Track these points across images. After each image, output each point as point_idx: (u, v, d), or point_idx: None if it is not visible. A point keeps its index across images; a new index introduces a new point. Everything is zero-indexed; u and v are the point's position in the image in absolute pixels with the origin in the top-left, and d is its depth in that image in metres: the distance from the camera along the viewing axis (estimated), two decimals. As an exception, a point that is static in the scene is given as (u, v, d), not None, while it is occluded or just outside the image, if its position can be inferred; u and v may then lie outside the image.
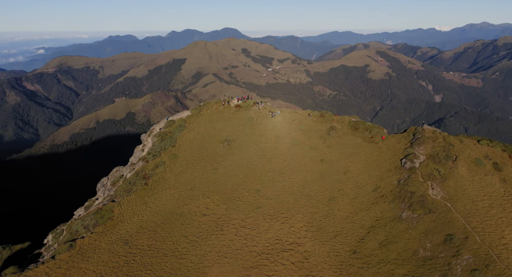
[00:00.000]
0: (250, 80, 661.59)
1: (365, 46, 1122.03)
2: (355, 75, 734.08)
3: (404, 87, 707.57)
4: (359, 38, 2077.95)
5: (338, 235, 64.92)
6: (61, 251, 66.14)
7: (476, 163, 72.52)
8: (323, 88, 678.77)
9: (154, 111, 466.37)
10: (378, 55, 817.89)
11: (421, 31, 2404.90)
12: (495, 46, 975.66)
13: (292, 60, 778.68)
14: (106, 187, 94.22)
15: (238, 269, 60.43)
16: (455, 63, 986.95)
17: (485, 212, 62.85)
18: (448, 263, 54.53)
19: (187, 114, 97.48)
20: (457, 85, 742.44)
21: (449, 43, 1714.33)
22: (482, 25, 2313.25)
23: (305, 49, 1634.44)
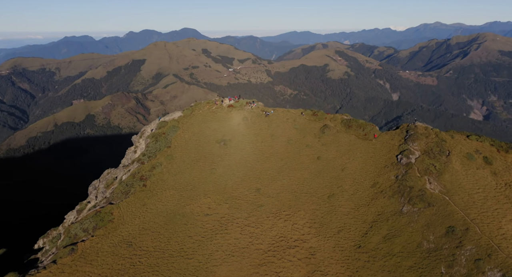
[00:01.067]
0: (211, 81, 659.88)
1: (324, 46, 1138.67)
2: (315, 74, 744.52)
3: (363, 86, 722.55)
4: (318, 38, 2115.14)
5: (342, 231, 66.20)
6: (62, 255, 64.93)
7: (468, 158, 75.22)
8: (284, 87, 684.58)
9: (114, 112, 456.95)
10: (337, 54, 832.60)
11: (378, 31, 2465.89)
12: (448, 45, 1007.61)
13: (252, 60, 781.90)
14: (98, 190, 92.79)
15: (246, 267, 60.85)
16: (411, 62, 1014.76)
17: (481, 204, 65.29)
18: (452, 253, 56.48)
19: (179, 115, 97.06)
20: (413, 83, 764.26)
21: (405, 42, 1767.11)
22: (435, 25, 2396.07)
23: (265, 49, 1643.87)
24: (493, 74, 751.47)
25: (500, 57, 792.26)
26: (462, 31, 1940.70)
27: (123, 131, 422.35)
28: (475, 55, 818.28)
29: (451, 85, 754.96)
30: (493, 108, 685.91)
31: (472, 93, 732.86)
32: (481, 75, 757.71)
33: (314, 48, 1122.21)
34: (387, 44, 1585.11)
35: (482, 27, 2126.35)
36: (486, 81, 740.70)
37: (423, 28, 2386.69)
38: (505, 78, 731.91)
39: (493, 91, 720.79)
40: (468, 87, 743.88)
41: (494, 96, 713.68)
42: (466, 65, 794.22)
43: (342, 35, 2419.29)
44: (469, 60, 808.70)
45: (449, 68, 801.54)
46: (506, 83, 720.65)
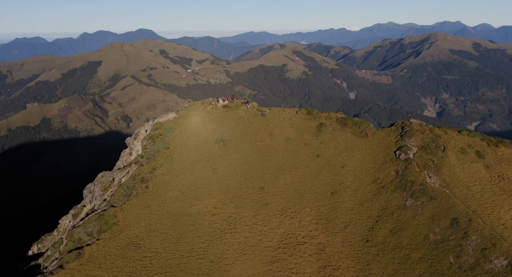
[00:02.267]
0: (170, 82, 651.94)
1: (282, 46, 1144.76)
2: (273, 74, 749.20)
3: (321, 85, 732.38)
4: (275, 38, 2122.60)
5: (348, 226, 67.71)
6: (69, 260, 63.91)
7: (462, 152, 78.14)
8: (243, 88, 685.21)
9: (71, 116, 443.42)
10: (295, 54, 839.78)
11: (333, 31, 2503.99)
12: (402, 44, 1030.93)
13: (211, 60, 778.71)
14: (93, 193, 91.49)
15: (259, 264, 61.51)
16: (366, 61, 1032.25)
17: (480, 196, 68.04)
18: (459, 244, 58.74)
19: (174, 116, 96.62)
20: (369, 82, 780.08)
21: (359, 42, 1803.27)
22: (388, 25, 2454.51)
23: (222, 49, 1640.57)
24: (445, 72, 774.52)
25: (451, 55, 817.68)
26: (414, 30, 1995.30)
27: (81, 134, 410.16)
28: (427, 54, 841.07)
29: (405, 84, 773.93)
30: (446, 105, 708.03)
31: (426, 91, 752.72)
32: (433, 74, 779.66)
33: (272, 49, 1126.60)
34: (343, 44, 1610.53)
35: (432, 27, 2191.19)
36: (439, 79, 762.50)
37: (377, 28, 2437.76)
38: (456, 76, 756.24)
39: (445, 88, 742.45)
40: (422, 85, 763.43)
41: (446, 93, 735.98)
42: (419, 64, 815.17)
43: (298, 35, 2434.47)
44: (422, 59, 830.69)
45: (403, 67, 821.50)
46: (457, 81, 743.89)
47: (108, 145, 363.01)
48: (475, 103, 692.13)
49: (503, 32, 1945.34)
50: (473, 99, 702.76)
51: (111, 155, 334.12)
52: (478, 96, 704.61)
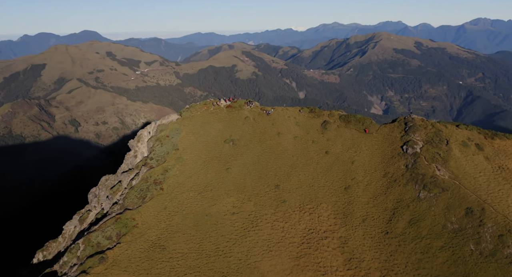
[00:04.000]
0: (119, 84, 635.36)
1: (230, 47, 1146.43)
2: (223, 75, 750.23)
3: (271, 85, 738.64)
4: (223, 39, 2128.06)
5: (366, 219, 69.89)
6: (92, 265, 63.28)
7: (464, 145, 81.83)
8: (193, 89, 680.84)
9: (16, 121, 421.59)
10: (244, 55, 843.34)
11: (280, 32, 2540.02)
12: (347, 44, 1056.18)
13: (160, 62, 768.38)
14: (99, 197, 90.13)
15: (286, 260, 62.83)
16: (314, 61, 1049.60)
17: (486, 186, 71.63)
18: (477, 232, 61.88)
19: (177, 117, 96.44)
20: (318, 81, 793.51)
21: (306, 42, 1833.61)
22: (333, 25, 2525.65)
23: (170, 51, 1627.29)
24: (390, 71, 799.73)
25: (394, 54, 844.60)
26: (358, 30, 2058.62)
27: (27, 140, 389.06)
28: (372, 53, 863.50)
29: (352, 82, 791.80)
30: (391, 102, 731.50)
31: (372, 89, 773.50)
32: (379, 72, 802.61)
33: (220, 49, 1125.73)
34: (290, 44, 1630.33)
35: (376, 27, 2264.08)
36: (384, 77, 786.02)
37: (323, 28, 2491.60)
38: (400, 75, 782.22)
39: (390, 87, 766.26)
40: (368, 84, 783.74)
41: (391, 91, 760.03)
42: (365, 63, 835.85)
43: (246, 35, 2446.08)
44: (367, 58, 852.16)
45: (350, 66, 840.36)
46: (401, 79, 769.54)
47: (57, 150, 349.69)
48: (419, 100, 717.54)
49: (442, 32, 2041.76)
50: (417, 96, 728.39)
51: (61, 160, 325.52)
52: (421, 93, 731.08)
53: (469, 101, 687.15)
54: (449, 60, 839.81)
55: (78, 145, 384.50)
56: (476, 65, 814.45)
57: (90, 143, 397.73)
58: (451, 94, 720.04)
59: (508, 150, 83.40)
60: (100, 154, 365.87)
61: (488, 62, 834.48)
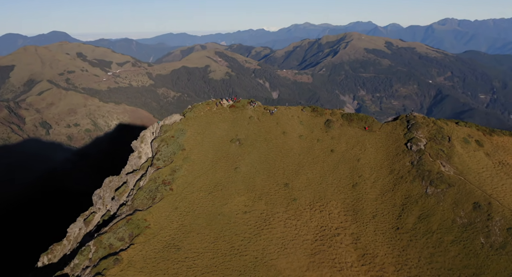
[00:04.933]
0: (90, 85, 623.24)
1: (203, 48, 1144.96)
2: (197, 75, 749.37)
3: (244, 85, 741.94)
4: (195, 40, 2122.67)
5: (376, 216, 71.26)
6: (107, 267, 63.13)
7: (465, 142, 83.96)
8: (166, 90, 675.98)
9: None
10: (217, 55, 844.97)
11: (252, 32, 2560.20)
12: (319, 44, 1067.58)
13: (132, 63, 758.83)
14: (103, 199, 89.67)
15: (302, 257, 63.74)
16: (287, 61, 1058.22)
17: (490, 182, 73.73)
18: (486, 225, 63.73)
19: (180, 118, 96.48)
20: (291, 81, 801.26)
21: (278, 42, 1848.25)
22: (305, 25, 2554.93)
23: (142, 51, 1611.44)
24: (361, 71, 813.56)
25: (366, 54, 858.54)
26: (330, 31, 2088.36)
27: None
28: (344, 53, 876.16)
29: (325, 82, 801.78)
30: (363, 101, 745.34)
31: (344, 88, 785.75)
32: (350, 72, 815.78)
33: (193, 50, 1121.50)
34: (262, 44, 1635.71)
35: (346, 27, 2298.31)
36: (355, 77, 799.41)
37: (294, 28, 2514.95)
38: (372, 74, 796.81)
39: (362, 86, 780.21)
40: (340, 83, 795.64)
41: (363, 90, 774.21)
42: (337, 63, 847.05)
43: (218, 36, 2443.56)
44: (339, 58, 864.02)
45: (322, 66, 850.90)
46: (372, 78, 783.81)
47: (28, 153, 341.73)
48: (390, 99, 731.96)
49: (411, 32, 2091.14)
50: (388, 95, 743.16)
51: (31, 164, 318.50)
52: (392, 92, 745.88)
53: (438, 100, 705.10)
54: (419, 60, 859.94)
55: (50, 148, 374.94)
56: (445, 65, 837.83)
57: (62, 145, 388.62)
58: (421, 93, 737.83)
59: (506, 146, 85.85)
60: (73, 156, 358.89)
61: (456, 61, 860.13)
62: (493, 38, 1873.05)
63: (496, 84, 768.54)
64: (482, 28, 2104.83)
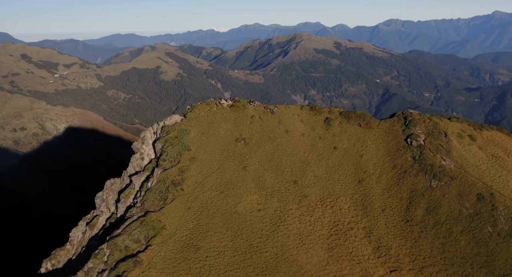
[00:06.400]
0: (36, 88, 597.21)
1: (153, 48, 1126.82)
2: (147, 77, 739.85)
3: (196, 86, 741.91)
4: (143, 40, 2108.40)
5: (385, 209, 73.94)
6: (127, 269, 63.06)
7: (459, 136, 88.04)
8: (116, 92, 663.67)
9: None
10: (168, 56, 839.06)
11: (202, 32, 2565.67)
12: (270, 45, 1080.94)
13: (80, 64, 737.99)
14: (107, 202, 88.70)
15: (321, 252, 65.57)
16: (238, 62, 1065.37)
17: (488, 174, 77.81)
18: (492, 215, 67.42)
19: (180, 118, 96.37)
20: (243, 82, 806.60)
21: (228, 43, 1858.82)
22: (254, 26, 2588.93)
23: (89, 52, 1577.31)
24: (311, 71, 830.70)
25: (315, 54, 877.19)
26: (279, 31, 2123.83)
27: None
28: (294, 54, 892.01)
29: (276, 82, 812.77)
30: (314, 101, 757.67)
31: (295, 88, 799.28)
32: (301, 72, 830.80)
33: (142, 51, 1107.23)
34: (213, 45, 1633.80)
35: (295, 28, 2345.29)
36: (306, 77, 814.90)
37: (244, 29, 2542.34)
38: (322, 74, 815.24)
39: (312, 86, 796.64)
40: (291, 83, 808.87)
41: (313, 90, 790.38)
42: (287, 63, 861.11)
43: (167, 37, 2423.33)
44: (290, 58, 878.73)
45: (273, 66, 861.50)
46: (322, 78, 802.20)
47: None
48: (340, 98, 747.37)
49: (358, 32, 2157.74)
50: (338, 94, 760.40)
51: None
52: (342, 91, 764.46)
53: (386, 98, 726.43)
54: (367, 60, 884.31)
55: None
56: (391, 64, 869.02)
57: (8, 150, 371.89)
58: (369, 92, 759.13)
59: (495, 139, 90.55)
60: (21, 161, 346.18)
61: (402, 61, 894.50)
62: (435, 38, 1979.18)
63: (439, 83, 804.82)
64: (425, 29, 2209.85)
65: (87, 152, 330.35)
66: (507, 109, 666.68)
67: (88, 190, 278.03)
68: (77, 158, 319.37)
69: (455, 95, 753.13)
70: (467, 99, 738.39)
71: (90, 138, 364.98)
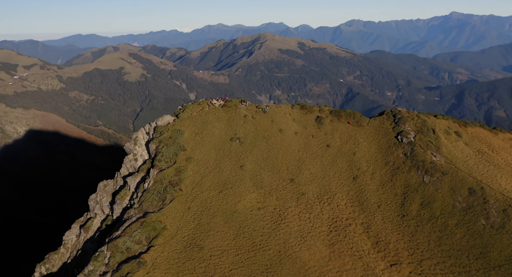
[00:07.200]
0: None
1: (115, 49, 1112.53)
2: (111, 78, 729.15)
3: (161, 87, 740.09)
4: (105, 41, 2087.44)
5: (381, 205, 75.97)
6: (131, 270, 62.85)
7: (446, 133, 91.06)
8: (79, 93, 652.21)
9: None
10: (131, 57, 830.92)
11: (165, 33, 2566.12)
12: (234, 45, 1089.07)
13: (40, 66, 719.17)
14: (101, 204, 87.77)
15: (323, 248, 66.94)
16: (202, 62, 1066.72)
17: (477, 169, 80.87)
18: (484, 208, 70.25)
19: (173, 118, 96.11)
20: (208, 82, 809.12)
21: (192, 43, 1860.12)
22: (218, 26, 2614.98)
23: (49, 53, 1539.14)
24: (276, 71, 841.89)
25: (280, 55, 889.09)
26: (243, 32, 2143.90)
27: None
28: (259, 54, 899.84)
29: (241, 82, 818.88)
30: (279, 101, 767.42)
31: (260, 88, 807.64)
32: (266, 72, 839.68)
33: (105, 51, 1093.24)
34: (177, 45, 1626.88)
35: (259, 28, 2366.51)
36: (271, 77, 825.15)
37: (208, 29, 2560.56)
38: (286, 74, 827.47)
39: (277, 86, 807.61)
40: (256, 83, 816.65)
41: (278, 90, 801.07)
42: (252, 63, 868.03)
43: (130, 37, 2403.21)
44: (254, 58, 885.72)
45: (238, 67, 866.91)
46: (287, 78, 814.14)
47: None
48: (305, 98, 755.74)
49: (321, 32, 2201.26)
50: (302, 94, 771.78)
51: None
52: (306, 91, 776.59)
53: (349, 98, 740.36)
54: (330, 60, 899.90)
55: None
56: (354, 64, 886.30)
57: None
58: (333, 92, 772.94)
59: (479, 136, 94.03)
60: None
61: (364, 60, 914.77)
62: (395, 39, 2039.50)
63: (400, 82, 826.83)
64: (386, 29, 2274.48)
65: (50, 155, 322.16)
66: (466, 107, 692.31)
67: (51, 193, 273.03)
68: (39, 161, 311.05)
69: (416, 94, 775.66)
70: (428, 98, 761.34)
71: (52, 141, 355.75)
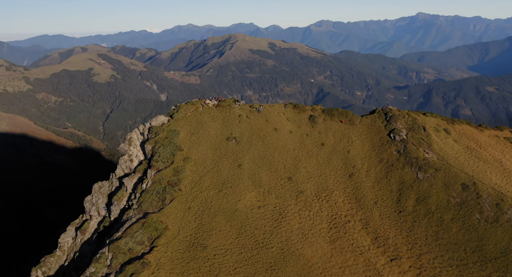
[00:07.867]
0: None
1: (84, 50, 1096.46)
2: (79, 79, 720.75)
3: (131, 88, 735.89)
4: (73, 42, 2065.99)
5: (378, 202, 77.68)
6: (135, 271, 62.85)
7: (436, 130, 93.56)
8: (47, 95, 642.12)
9: None
10: (100, 58, 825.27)
11: (134, 33, 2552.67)
12: (205, 45, 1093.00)
13: (6, 67, 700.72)
14: (97, 205, 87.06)
15: (324, 244, 68.17)
16: (173, 63, 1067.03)
17: (467, 165, 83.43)
18: (478, 203, 72.60)
19: (167, 119, 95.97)
20: (179, 83, 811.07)
21: (162, 43, 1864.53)
22: (188, 27, 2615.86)
23: (14, 54, 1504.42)
24: (247, 71, 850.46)
25: (251, 55, 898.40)
26: (213, 32, 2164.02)
27: None
28: (230, 54, 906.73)
29: (213, 83, 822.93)
30: (251, 101, 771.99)
31: (232, 89, 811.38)
32: (237, 73, 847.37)
33: (73, 52, 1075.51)
34: (146, 46, 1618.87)
35: (229, 29, 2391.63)
36: (242, 77, 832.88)
37: (178, 30, 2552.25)
38: (257, 74, 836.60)
39: (249, 86, 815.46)
40: (228, 84, 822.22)
41: (250, 90, 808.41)
42: (223, 64, 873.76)
43: (98, 37, 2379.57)
44: (226, 59, 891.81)
45: (209, 67, 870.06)
46: (258, 78, 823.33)
47: None
48: (276, 98, 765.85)
49: (291, 33, 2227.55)
50: (274, 94, 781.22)
51: None
52: (278, 91, 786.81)
53: (320, 97, 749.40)
54: (301, 60, 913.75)
55: None
56: (324, 64, 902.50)
57: None
58: (304, 91, 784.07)
59: (467, 133, 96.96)
60: None
61: (334, 61, 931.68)
62: (364, 39, 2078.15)
63: (370, 82, 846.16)
64: (354, 30, 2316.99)
65: (18, 159, 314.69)
66: (433, 106, 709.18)
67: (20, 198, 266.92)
68: (6, 165, 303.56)
69: (385, 93, 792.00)
70: (396, 97, 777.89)
71: (20, 143, 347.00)
